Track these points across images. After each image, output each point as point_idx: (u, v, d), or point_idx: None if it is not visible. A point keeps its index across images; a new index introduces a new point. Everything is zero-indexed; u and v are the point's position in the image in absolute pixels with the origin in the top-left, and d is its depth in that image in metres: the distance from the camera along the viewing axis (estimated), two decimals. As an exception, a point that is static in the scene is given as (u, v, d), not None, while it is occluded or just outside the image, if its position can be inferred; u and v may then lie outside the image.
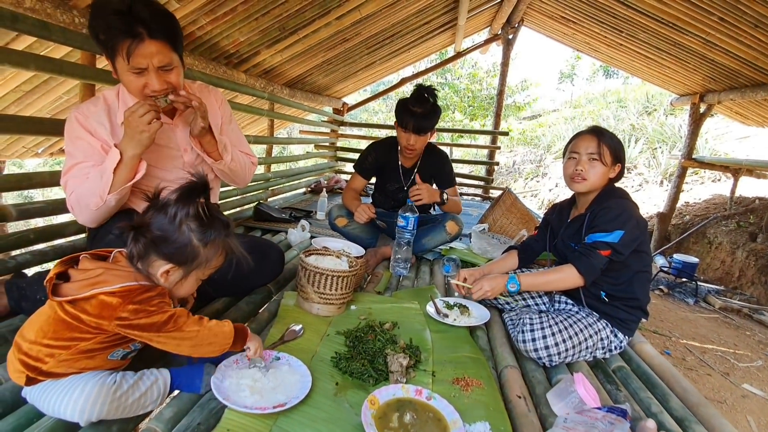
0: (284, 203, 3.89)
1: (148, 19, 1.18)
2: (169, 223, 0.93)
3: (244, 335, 1.08)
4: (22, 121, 1.69)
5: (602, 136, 1.50)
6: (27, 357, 0.89)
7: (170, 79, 1.30)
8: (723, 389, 2.76)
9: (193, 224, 0.95)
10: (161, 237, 0.93)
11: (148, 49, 1.20)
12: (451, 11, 4.18)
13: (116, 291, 0.88)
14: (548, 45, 58.29)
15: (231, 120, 1.67)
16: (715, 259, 5.12)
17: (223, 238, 1.00)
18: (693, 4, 3.01)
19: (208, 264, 1.00)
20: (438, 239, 2.37)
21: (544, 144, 11.16)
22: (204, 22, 2.48)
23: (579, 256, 1.44)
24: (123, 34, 1.17)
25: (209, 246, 0.97)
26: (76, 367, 0.91)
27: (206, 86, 1.62)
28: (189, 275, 0.99)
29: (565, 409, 1.13)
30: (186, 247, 0.95)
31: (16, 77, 2.64)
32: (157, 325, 0.91)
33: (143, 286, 0.92)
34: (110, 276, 0.91)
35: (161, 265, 0.95)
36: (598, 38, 4.52)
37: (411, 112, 2.16)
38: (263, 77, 3.71)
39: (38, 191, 9.84)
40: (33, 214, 1.74)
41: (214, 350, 1.01)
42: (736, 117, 5.53)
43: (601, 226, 1.42)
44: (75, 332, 0.88)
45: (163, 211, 0.94)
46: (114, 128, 1.36)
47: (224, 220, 1.01)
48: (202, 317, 1.01)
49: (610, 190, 1.54)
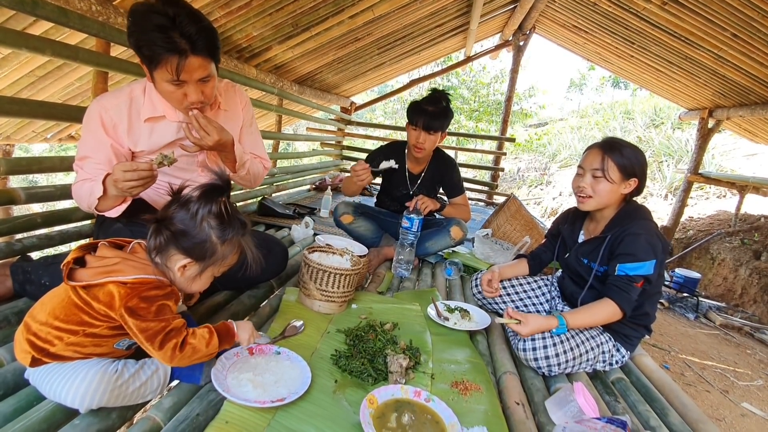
0: (288, 199, 3.89)
1: (193, 35, 1.18)
2: (191, 219, 0.96)
3: (229, 336, 1.05)
4: (34, 105, 1.70)
5: (609, 151, 1.40)
6: (36, 338, 0.89)
7: (206, 90, 1.30)
8: (722, 407, 2.74)
9: (214, 222, 0.97)
10: (182, 231, 0.95)
11: (192, 64, 1.21)
12: (464, 15, 4.19)
13: (129, 282, 0.90)
14: (557, 53, 58.26)
15: (252, 123, 1.65)
16: (718, 276, 5.10)
17: (240, 237, 1.02)
18: (707, 19, 3.00)
19: (224, 261, 1.02)
20: (442, 243, 2.36)
21: (550, 152, 11.15)
22: (219, 15, 2.49)
23: (618, 291, 1.35)
24: (167, 51, 1.17)
25: (227, 244, 0.99)
26: (83, 352, 0.92)
27: (233, 86, 1.60)
28: (205, 271, 1.01)
29: (563, 418, 1.12)
30: (205, 243, 0.97)
31: (31, 62, 2.66)
32: (149, 332, 0.90)
33: (155, 281, 0.94)
34: (126, 266, 0.93)
35: (179, 259, 0.97)
36: (609, 49, 4.52)
37: (423, 110, 2.18)
38: (274, 73, 3.72)
39: (42, 176, 9.90)
40: (41, 198, 1.75)
41: (195, 361, 1.00)
42: (744, 134, 5.51)
43: (632, 255, 1.35)
44: (85, 317, 0.89)
45: (186, 207, 0.96)
46: (132, 124, 1.36)
47: (242, 220, 1.03)
48: (194, 331, 0.98)
49: (631, 210, 1.45)
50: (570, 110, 15.48)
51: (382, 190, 2.62)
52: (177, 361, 0.95)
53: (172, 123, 1.41)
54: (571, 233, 1.64)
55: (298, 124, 9.05)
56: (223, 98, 1.52)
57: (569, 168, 10.08)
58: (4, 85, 2.83)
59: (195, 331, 0.98)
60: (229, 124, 1.54)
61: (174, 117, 1.40)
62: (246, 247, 1.05)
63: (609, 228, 1.46)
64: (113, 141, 1.34)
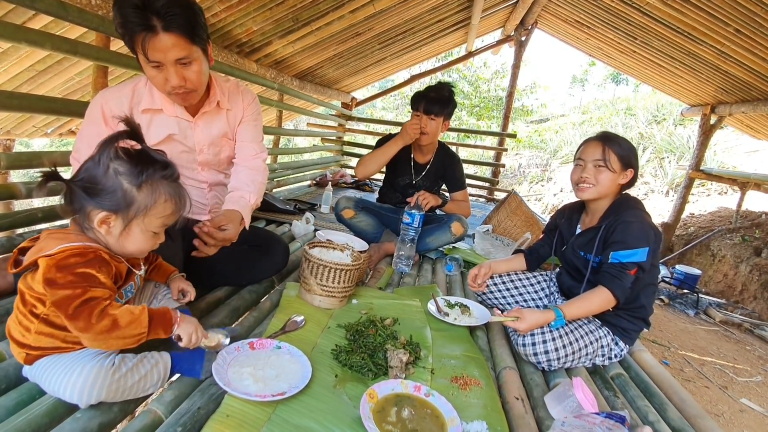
0: (289, 195, 3.89)
1: (162, 11, 1.12)
2: (95, 168, 0.89)
3: (166, 322, 0.95)
4: (34, 99, 1.69)
5: (608, 142, 1.47)
6: (15, 334, 0.91)
7: (188, 75, 1.25)
8: (720, 402, 2.75)
9: (121, 166, 0.89)
10: (89, 183, 0.88)
11: (163, 42, 1.15)
12: (465, 10, 4.17)
13: (53, 253, 0.84)
14: (559, 49, 57.93)
15: (256, 118, 1.60)
16: (718, 272, 5.10)
17: (162, 180, 0.93)
18: (710, 14, 2.98)
19: (150, 211, 0.92)
20: (442, 239, 2.37)
21: (551, 148, 11.12)
22: (218, 9, 2.48)
23: (611, 278, 1.37)
24: (138, 27, 1.14)
25: (144, 188, 0.90)
26: (59, 339, 0.91)
27: (237, 86, 1.56)
28: (131, 225, 0.92)
29: (562, 413, 1.13)
30: (117, 192, 0.89)
31: (30, 56, 2.65)
32: (61, 300, 0.83)
33: (78, 248, 0.87)
34: (50, 240, 0.88)
35: (96, 213, 0.89)
36: (611, 44, 4.49)
37: (424, 96, 2.24)
38: (274, 68, 3.71)
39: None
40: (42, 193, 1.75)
41: (117, 341, 0.89)
42: (746, 130, 5.49)
43: (625, 242, 1.37)
44: (33, 300, 0.89)
45: (89, 159, 0.90)
46: (131, 116, 1.35)
47: (161, 160, 0.94)
48: (118, 305, 0.90)
49: (624, 200, 1.49)
50: (572, 106, 15.44)
51: (386, 180, 2.63)
52: (93, 333, 0.84)
53: (170, 117, 1.40)
54: (569, 227, 1.67)
55: (299, 119, 9.03)
56: (226, 98, 1.49)
57: (570, 164, 10.06)
58: (3, 79, 2.83)
59: (121, 305, 0.90)
60: (231, 123, 1.53)
61: (171, 111, 1.39)
62: (178, 193, 0.96)
63: (603, 218, 1.49)
64: (111, 131, 1.34)
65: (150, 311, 0.93)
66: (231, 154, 1.58)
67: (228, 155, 1.57)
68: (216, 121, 1.49)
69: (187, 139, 1.45)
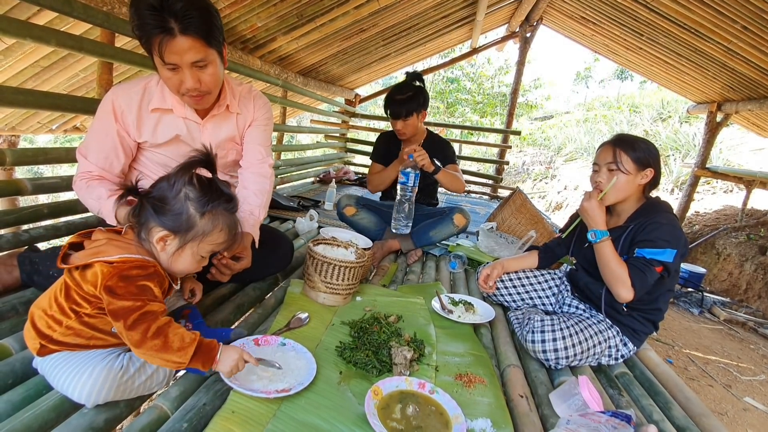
0: (292, 192, 3.89)
1: (180, 13, 1.12)
2: (168, 190, 0.94)
3: (209, 354, 0.93)
4: (39, 95, 1.69)
5: (620, 145, 1.45)
6: (39, 324, 0.91)
7: (203, 78, 1.25)
8: (724, 401, 2.74)
9: (191, 192, 0.94)
10: (160, 201, 0.94)
11: (180, 45, 1.15)
12: (470, 6, 4.14)
13: (114, 261, 0.89)
14: (564, 45, 57.55)
15: (266, 123, 1.58)
16: (723, 271, 5.07)
17: (224, 211, 0.98)
18: (717, 11, 2.95)
19: (206, 238, 0.97)
20: (445, 232, 2.35)
21: (555, 146, 11.07)
22: (223, 5, 2.47)
23: (634, 269, 1.35)
24: (155, 30, 1.13)
25: (206, 217, 0.96)
26: (84, 337, 0.93)
27: (250, 91, 1.54)
28: (185, 246, 0.97)
29: (568, 411, 1.13)
30: (182, 215, 0.94)
31: (35, 52, 2.65)
32: (121, 310, 0.85)
33: (139, 260, 0.91)
34: (111, 246, 0.92)
35: (158, 231, 0.94)
36: (617, 40, 4.45)
37: (392, 101, 2.30)
38: (278, 64, 3.70)
39: (47, 167, 9.94)
40: (47, 189, 1.76)
41: (160, 359, 0.89)
42: (752, 128, 5.44)
43: (653, 241, 1.35)
44: (78, 299, 0.90)
45: (166, 178, 0.95)
46: (141, 114, 1.36)
47: (227, 193, 0.99)
48: (175, 325, 0.91)
49: (655, 203, 1.48)
50: (576, 103, 15.36)
51: None
52: (145, 348, 0.87)
53: (178, 118, 1.40)
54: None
55: (302, 116, 9.02)
56: (237, 101, 1.48)
57: (574, 162, 10.02)
58: (8, 75, 2.83)
59: (178, 326, 0.91)
60: (240, 127, 1.53)
61: (181, 112, 1.39)
62: (234, 225, 1.01)
63: (632, 219, 1.48)
64: (120, 128, 1.34)
65: (199, 343, 0.92)
66: (237, 158, 1.58)
67: (234, 159, 1.57)
68: (224, 124, 1.49)
69: (194, 140, 1.45)
